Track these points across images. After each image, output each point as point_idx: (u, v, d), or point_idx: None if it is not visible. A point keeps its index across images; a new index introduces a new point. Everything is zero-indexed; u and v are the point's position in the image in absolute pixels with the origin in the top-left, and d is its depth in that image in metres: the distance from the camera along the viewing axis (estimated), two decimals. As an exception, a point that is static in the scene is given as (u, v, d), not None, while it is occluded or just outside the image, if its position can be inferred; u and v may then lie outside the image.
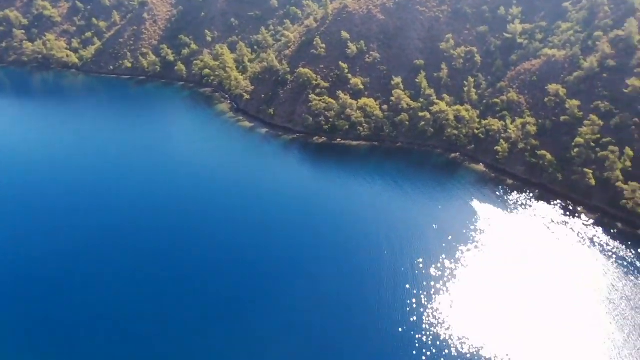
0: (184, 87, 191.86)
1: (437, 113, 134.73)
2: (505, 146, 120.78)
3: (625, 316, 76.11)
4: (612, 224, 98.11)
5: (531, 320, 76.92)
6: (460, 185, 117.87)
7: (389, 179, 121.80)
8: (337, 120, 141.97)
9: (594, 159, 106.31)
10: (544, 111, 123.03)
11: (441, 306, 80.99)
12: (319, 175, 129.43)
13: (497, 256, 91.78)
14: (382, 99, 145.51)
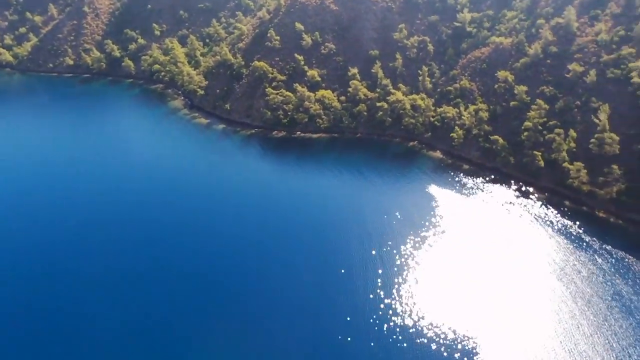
0: (133, 84, 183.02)
1: (394, 103, 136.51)
2: (460, 133, 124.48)
3: (578, 287, 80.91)
4: (560, 202, 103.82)
5: (492, 296, 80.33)
6: (420, 173, 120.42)
7: (351, 169, 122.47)
8: (296, 114, 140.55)
9: (542, 141, 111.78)
10: (495, 97, 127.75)
11: (410, 288, 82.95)
12: (281, 169, 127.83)
13: (458, 238, 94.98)
14: (340, 90, 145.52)
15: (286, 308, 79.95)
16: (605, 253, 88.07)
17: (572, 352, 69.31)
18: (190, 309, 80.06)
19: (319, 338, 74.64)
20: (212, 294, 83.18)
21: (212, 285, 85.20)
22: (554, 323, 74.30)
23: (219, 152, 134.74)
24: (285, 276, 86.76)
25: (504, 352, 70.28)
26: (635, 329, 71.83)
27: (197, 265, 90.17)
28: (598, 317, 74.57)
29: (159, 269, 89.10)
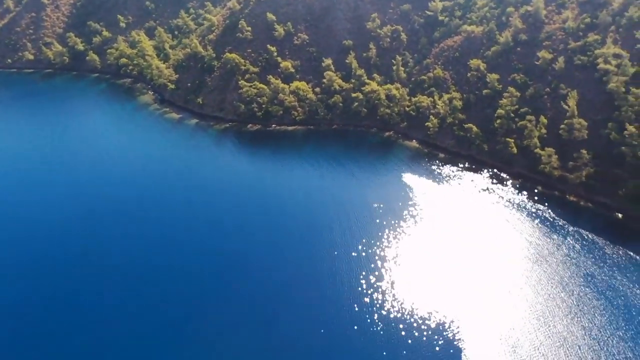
0: (99, 79, 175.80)
1: (369, 93, 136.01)
2: (435, 122, 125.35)
3: (553, 269, 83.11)
4: (533, 187, 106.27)
5: (471, 280, 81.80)
6: (397, 162, 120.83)
7: (329, 161, 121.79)
8: (270, 106, 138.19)
9: (514, 128, 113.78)
10: (468, 86, 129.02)
11: (391, 275, 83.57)
12: (258, 163, 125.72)
13: (436, 225, 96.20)
14: (314, 82, 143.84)
15: (270, 301, 79.13)
16: (577, 236, 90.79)
17: (549, 333, 71.21)
18: (165, 308, 77.99)
19: (304, 327, 74.33)
20: (191, 293, 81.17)
21: (192, 281, 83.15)
22: (531, 305, 76.16)
23: (193, 148, 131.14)
24: (268, 269, 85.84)
25: (484, 334, 71.54)
26: (607, 308, 74.42)
27: (175, 261, 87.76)
28: (572, 298, 76.89)
29: (132, 265, 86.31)
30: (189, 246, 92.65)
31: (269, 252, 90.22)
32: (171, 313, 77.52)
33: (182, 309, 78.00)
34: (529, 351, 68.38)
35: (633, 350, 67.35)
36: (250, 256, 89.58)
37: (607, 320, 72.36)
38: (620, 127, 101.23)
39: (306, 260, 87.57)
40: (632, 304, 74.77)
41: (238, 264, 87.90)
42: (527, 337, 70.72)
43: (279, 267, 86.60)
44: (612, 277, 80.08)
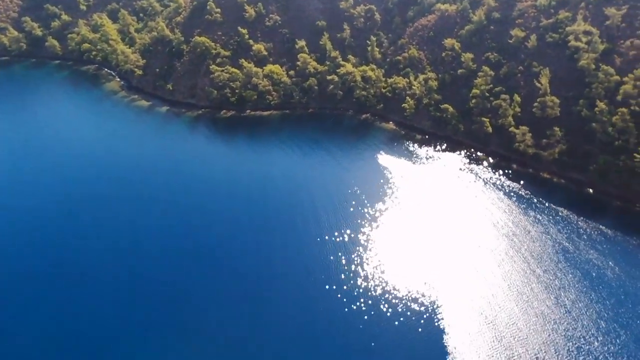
0: (61, 66, 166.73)
1: (344, 75, 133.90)
2: (412, 103, 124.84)
3: (528, 245, 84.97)
4: (508, 166, 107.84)
5: (449, 258, 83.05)
6: (374, 145, 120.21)
7: (306, 145, 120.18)
8: (244, 91, 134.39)
9: (489, 107, 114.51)
10: (443, 66, 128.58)
11: (371, 254, 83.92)
12: (234, 149, 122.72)
13: (414, 205, 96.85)
14: (288, 65, 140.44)
15: (254, 283, 78.52)
16: (551, 212, 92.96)
17: (526, 307, 73.03)
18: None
19: (288, 310, 74.15)
20: (172, 281, 79.16)
21: (171, 270, 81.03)
22: (509, 281, 77.82)
23: (165, 136, 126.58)
24: (251, 253, 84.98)
25: (464, 311, 72.74)
26: (580, 281, 76.81)
27: (151, 251, 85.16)
28: (548, 273, 78.96)
29: (106, 259, 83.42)
30: (166, 234, 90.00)
31: (249, 236, 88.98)
32: (150, 301, 75.51)
33: (162, 299, 76.02)
34: (507, 326, 70.06)
35: (606, 321, 69.94)
36: (229, 241, 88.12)
37: (581, 293, 74.72)
38: (590, 103, 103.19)
39: (287, 244, 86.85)
40: (604, 275, 77.42)
41: (217, 250, 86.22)
42: (505, 312, 72.36)
43: (259, 251, 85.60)
44: (585, 251, 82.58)
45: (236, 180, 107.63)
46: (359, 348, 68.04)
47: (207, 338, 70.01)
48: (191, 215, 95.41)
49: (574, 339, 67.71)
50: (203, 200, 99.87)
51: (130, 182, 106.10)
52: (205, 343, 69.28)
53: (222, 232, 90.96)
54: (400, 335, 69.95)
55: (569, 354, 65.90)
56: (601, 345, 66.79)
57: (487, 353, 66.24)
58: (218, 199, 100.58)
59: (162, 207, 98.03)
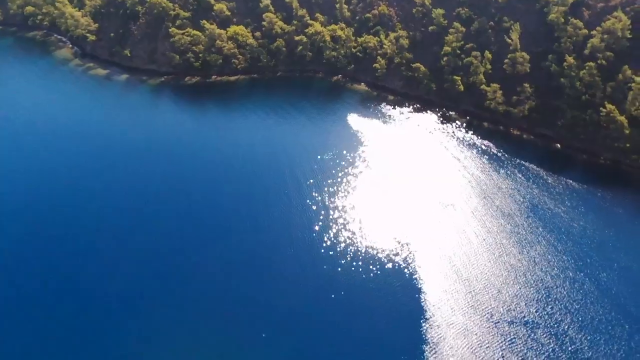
0: (4, 32, 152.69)
1: (313, 35, 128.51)
2: (383, 63, 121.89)
3: (500, 202, 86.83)
4: (480, 124, 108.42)
5: (423, 218, 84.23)
6: (346, 107, 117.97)
7: (276, 111, 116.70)
8: (208, 55, 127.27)
9: (460, 65, 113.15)
10: (414, 23, 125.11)
11: (348, 215, 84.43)
12: (203, 118, 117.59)
13: (389, 166, 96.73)
14: (254, 25, 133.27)
15: (230, 254, 77.25)
16: (522, 168, 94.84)
17: (498, 263, 75.42)
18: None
19: (266, 272, 74.28)
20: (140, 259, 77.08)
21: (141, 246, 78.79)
22: (480, 237, 79.79)
23: (127, 106, 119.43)
24: (225, 224, 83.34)
25: (439, 268, 74.57)
26: (549, 235, 79.57)
27: (117, 228, 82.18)
28: (519, 228, 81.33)
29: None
30: (135, 209, 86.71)
31: (223, 206, 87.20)
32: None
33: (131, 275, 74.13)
34: (480, 281, 72.40)
35: (573, 271, 73.28)
36: (203, 212, 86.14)
37: (550, 246, 77.62)
38: (559, 58, 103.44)
39: (261, 211, 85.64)
40: (572, 228, 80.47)
41: (191, 221, 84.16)
42: (478, 268, 74.55)
43: (234, 219, 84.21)
44: (554, 206, 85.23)
45: (209, 148, 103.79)
46: (339, 310, 69.09)
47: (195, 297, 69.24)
48: (166, 187, 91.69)
49: (543, 290, 70.90)
50: (178, 170, 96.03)
51: (95, 159, 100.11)
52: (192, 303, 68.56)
53: (201, 201, 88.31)
54: (377, 294, 71.17)
55: (538, 303, 69.11)
56: (568, 294, 70.31)
57: (462, 309, 68.57)
58: (194, 169, 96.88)
59: (136, 180, 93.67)
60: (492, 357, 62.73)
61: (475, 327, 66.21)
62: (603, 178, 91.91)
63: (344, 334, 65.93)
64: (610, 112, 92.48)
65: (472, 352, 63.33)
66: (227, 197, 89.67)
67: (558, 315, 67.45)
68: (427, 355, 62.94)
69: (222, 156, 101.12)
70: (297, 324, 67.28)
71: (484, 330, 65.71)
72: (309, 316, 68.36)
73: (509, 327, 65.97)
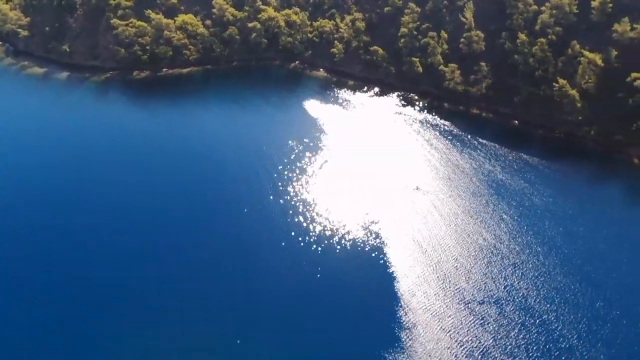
0: None
1: (266, 21, 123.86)
2: (340, 47, 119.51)
3: (464, 182, 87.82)
4: (440, 105, 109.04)
5: (390, 202, 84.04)
6: (306, 94, 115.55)
7: (234, 102, 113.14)
8: (157, 47, 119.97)
9: (418, 46, 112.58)
10: (369, 4, 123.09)
11: (315, 202, 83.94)
12: (156, 114, 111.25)
13: (352, 151, 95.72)
14: (203, 13, 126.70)
15: (202, 249, 75.08)
16: (483, 147, 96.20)
17: (467, 242, 76.37)
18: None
19: (238, 262, 72.93)
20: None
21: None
22: (448, 219, 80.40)
23: (69, 107, 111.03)
24: (194, 218, 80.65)
25: (408, 252, 74.76)
26: (515, 210, 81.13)
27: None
28: (483, 206, 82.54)
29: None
30: (91, 213, 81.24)
31: (187, 202, 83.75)
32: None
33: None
34: (451, 263, 73.06)
35: (540, 245, 75.19)
36: (166, 209, 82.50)
37: (514, 222, 79.29)
38: (512, 35, 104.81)
39: (225, 204, 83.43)
40: (534, 203, 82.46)
41: (155, 221, 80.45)
42: (449, 251, 75.13)
43: (198, 215, 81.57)
44: (516, 182, 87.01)
45: (167, 145, 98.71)
46: (311, 294, 68.38)
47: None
48: (129, 192, 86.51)
49: (510, 267, 72.42)
50: (135, 172, 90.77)
51: (38, 167, 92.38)
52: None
53: (168, 201, 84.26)
54: (349, 286, 70.44)
55: (506, 280, 70.59)
56: (533, 268, 72.17)
57: (435, 293, 69.01)
58: (153, 169, 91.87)
59: (89, 187, 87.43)
60: (466, 337, 63.53)
61: (448, 310, 66.78)
62: (559, 151, 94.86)
63: (317, 327, 64.86)
64: (563, 86, 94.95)
65: (447, 334, 63.92)
66: (192, 194, 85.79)
67: (525, 290, 69.18)
68: (403, 341, 62.92)
69: (182, 152, 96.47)
70: (267, 318, 65.62)
71: (457, 312, 66.40)
72: (280, 309, 66.88)
73: (480, 306, 66.96)
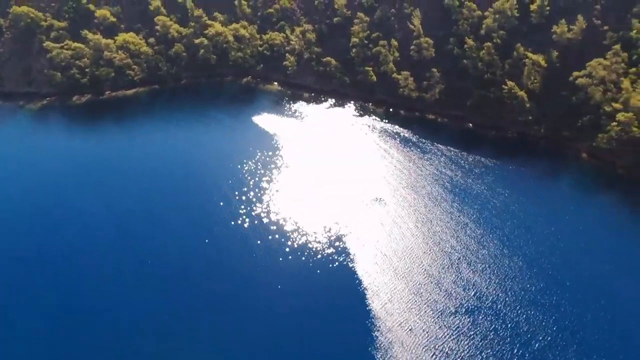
0: None
1: (214, 37, 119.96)
2: (293, 59, 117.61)
3: (425, 187, 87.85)
4: (397, 112, 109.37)
5: (353, 213, 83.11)
6: (261, 109, 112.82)
7: (185, 121, 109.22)
8: (97, 69, 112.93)
9: (370, 55, 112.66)
10: (318, 15, 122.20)
11: (279, 214, 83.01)
12: (101, 140, 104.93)
13: (311, 165, 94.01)
14: (146, 31, 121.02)
15: (169, 268, 72.88)
16: (441, 152, 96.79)
17: (434, 251, 75.95)
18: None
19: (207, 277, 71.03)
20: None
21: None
22: (414, 229, 79.79)
23: (4, 139, 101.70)
24: (157, 241, 77.96)
25: (376, 266, 73.44)
26: (477, 214, 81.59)
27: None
28: (447, 213, 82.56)
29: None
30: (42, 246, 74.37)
31: (149, 225, 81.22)
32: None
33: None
34: (421, 275, 72.18)
35: (504, 248, 75.86)
36: (132, 232, 79.68)
37: (479, 228, 79.75)
38: (460, 41, 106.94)
39: (186, 226, 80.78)
40: (494, 205, 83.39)
41: (118, 245, 76.94)
42: (417, 262, 74.30)
43: (161, 237, 78.79)
44: (476, 186, 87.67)
45: (117, 171, 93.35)
46: (280, 323, 65.62)
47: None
48: (84, 220, 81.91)
49: (478, 272, 72.35)
50: (90, 201, 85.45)
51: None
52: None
53: (125, 231, 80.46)
54: (319, 308, 68.20)
55: (475, 287, 70.42)
56: (500, 272, 72.56)
57: (408, 307, 67.77)
58: (102, 197, 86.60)
59: (35, 221, 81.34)
60: (442, 350, 62.67)
61: (422, 323, 65.66)
62: (514, 151, 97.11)
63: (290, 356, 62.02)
64: (512, 88, 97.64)
65: (424, 350, 62.75)
66: (153, 217, 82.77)
67: (494, 295, 69.31)
68: (379, 361, 61.19)
69: (135, 176, 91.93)
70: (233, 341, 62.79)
71: (431, 326, 65.34)
72: (249, 338, 63.69)
73: (453, 317, 66.29)
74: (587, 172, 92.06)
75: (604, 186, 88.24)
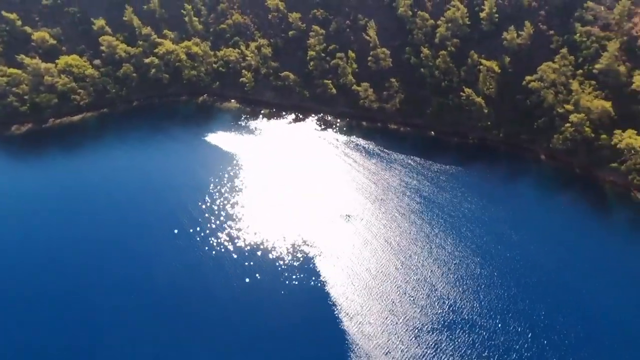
0: None
1: (165, 55, 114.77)
2: (249, 75, 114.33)
3: (390, 197, 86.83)
4: (359, 124, 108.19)
5: (325, 232, 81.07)
6: (219, 128, 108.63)
7: (139, 146, 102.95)
8: (37, 96, 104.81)
9: (328, 68, 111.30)
10: (272, 29, 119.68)
11: (247, 234, 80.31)
12: (46, 172, 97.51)
13: (276, 182, 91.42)
14: (90, 52, 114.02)
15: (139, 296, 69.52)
16: (405, 162, 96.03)
17: (406, 266, 74.60)
18: None
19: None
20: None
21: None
22: (384, 245, 78.26)
23: None
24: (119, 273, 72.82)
25: (349, 283, 71.54)
26: (446, 224, 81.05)
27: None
28: (416, 226, 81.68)
29: None
30: None
31: (110, 255, 76.49)
32: None
33: None
34: (395, 292, 70.61)
35: (475, 257, 75.46)
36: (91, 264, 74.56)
37: (448, 238, 79.06)
38: (415, 50, 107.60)
39: (150, 253, 77.15)
40: (462, 214, 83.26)
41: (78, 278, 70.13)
42: (391, 279, 72.69)
43: (126, 265, 74.62)
44: (442, 195, 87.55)
45: (69, 202, 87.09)
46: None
47: None
48: (35, 256, 75.35)
49: (451, 285, 71.55)
50: (39, 236, 79.61)
51: None
52: None
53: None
54: (291, 335, 65.41)
55: (449, 300, 69.48)
56: (472, 282, 71.97)
57: (385, 329, 65.81)
58: (61, 229, 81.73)
59: None
60: (423, 371, 61.10)
61: (400, 344, 63.93)
62: (475, 157, 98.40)
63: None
64: (469, 95, 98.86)
65: (403, 371, 60.88)
66: (114, 247, 78.05)
67: (469, 306, 68.62)
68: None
69: (88, 207, 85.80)
70: None
71: (408, 344, 63.73)
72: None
73: (430, 334, 64.96)
74: (547, 173, 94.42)
75: (563, 187, 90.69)
